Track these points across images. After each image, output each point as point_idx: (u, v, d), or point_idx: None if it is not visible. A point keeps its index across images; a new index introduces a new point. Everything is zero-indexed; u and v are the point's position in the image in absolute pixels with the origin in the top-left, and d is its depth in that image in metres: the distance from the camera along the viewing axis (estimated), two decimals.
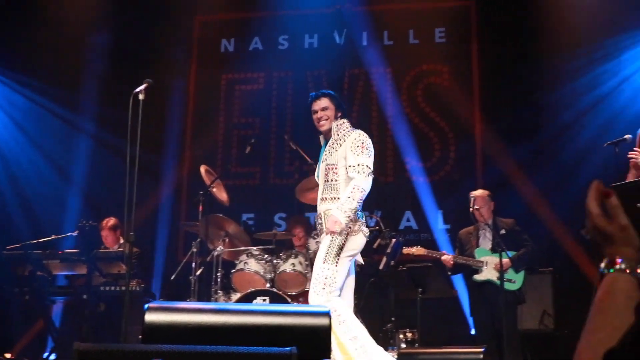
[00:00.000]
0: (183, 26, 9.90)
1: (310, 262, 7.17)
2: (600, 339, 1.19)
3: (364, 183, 4.63)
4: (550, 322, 7.24)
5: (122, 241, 7.53)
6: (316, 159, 7.20)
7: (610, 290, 1.28)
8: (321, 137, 5.10)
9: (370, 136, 9.14)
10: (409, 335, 6.91)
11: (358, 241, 4.68)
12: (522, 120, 8.65)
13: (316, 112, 5.04)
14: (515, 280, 6.60)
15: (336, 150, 4.83)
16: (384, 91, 9.40)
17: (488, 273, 6.65)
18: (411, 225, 8.99)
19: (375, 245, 7.21)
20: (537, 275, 7.29)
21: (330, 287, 4.50)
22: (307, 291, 6.97)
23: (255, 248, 7.17)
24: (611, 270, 1.31)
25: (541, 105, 8.71)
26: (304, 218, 8.41)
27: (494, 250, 6.63)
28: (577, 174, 7.84)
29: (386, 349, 6.49)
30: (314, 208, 8.11)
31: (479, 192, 6.89)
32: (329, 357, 3.18)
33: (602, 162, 5.90)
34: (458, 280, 7.74)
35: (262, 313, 3.38)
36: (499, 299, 6.29)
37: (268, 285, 6.88)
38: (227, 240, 7.23)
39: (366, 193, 4.70)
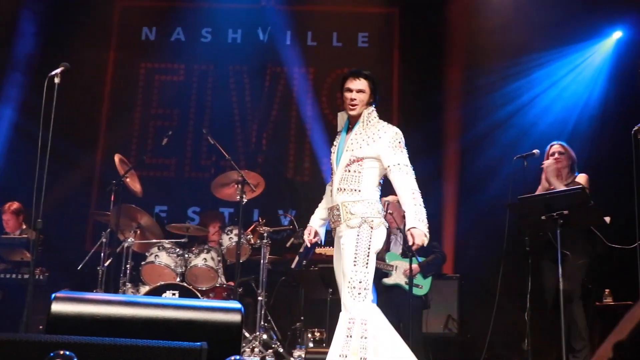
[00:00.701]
0: (104, 10, 9.65)
1: (223, 257, 7.15)
2: (620, 340, 1.27)
3: (415, 184, 4.51)
4: (455, 327, 7.44)
5: (24, 227, 7.31)
6: (233, 154, 7.19)
7: None
8: (340, 119, 4.77)
9: (288, 135, 9.31)
10: (317, 334, 6.95)
11: (381, 234, 4.57)
12: (437, 129, 8.84)
13: (351, 91, 4.59)
14: (422, 286, 6.75)
15: (367, 145, 4.53)
16: (305, 91, 9.45)
17: (397, 277, 6.78)
18: (325, 225, 9.02)
19: (289, 244, 7.25)
20: (443, 281, 7.48)
21: (366, 291, 4.37)
22: (218, 287, 6.98)
23: (167, 241, 7.08)
24: None
25: (456, 116, 8.91)
26: (219, 213, 8.38)
27: (404, 255, 6.76)
28: (486, 185, 8.06)
29: (294, 348, 6.54)
30: (228, 203, 8.15)
31: (392, 198, 6.99)
32: (239, 353, 3.18)
33: (510, 175, 6.08)
34: None
35: (173, 307, 3.35)
36: (406, 303, 6.41)
37: (178, 279, 6.81)
38: (138, 231, 7.11)
39: None
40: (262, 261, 6.88)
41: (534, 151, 5.77)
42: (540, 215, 5.08)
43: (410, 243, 4.42)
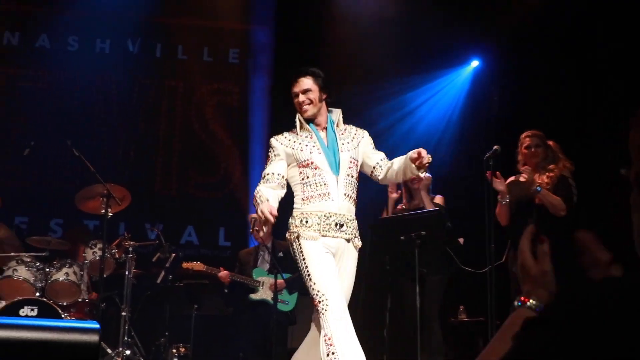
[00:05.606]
0: None
1: (86, 272, 6.96)
2: None
3: None
4: None
5: None
6: (98, 166, 7.01)
7: (515, 322, 1.41)
8: (302, 119, 4.41)
9: (157, 148, 9.20)
10: (182, 350, 6.92)
11: None
12: None
13: (297, 95, 4.36)
14: (288, 302, 6.85)
15: (355, 147, 4.32)
16: (174, 105, 9.40)
17: (263, 293, 6.85)
18: (192, 240, 9.02)
19: (155, 258, 7.18)
20: (310, 297, 7.59)
21: None
22: (80, 302, 6.80)
23: (26, 255, 6.83)
24: (522, 305, 1.46)
25: None
26: (84, 227, 8.18)
27: (270, 271, 6.84)
28: None
29: None
30: (93, 216, 7.94)
31: (257, 215, 7.06)
32: None
33: (372, 197, 6.29)
34: (234, 298, 7.86)
35: (28, 328, 3.27)
36: (271, 319, 6.49)
37: (38, 294, 6.58)
38: None
39: None
40: (126, 275, 6.78)
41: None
42: (399, 235, 5.30)
43: (421, 157, 4.16)
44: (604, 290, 1.14)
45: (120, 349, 6.45)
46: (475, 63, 8.68)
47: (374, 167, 4.39)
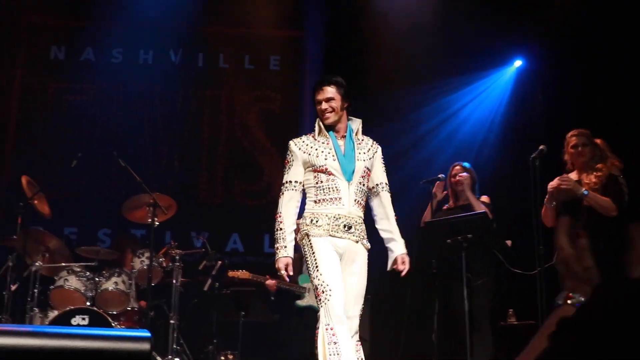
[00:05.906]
0: (10, 27, 9.41)
1: (135, 281, 7.04)
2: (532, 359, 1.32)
3: None
4: (367, 348, 7.53)
5: None
6: (144, 176, 7.10)
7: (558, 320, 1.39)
8: (322, 126, 4.52)
9: (201, 157, 9.28)
10: (230, 357, 6.96)
11: None
12: None
13: (320, 102, 4.49)
14: None
15: (370, 158, 4.51)
16: (217, 113, 9.47)
17: (310, 299, 6.84)
18: (237, 247, 9.06)
19: (201, 266, 7.23)
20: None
21: None
22: (129, 310, 6.88)
23: (76, 265, 6.94)
24: (565, 303, 1.44)
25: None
26: (131, 236, 8.27)
27: None
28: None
29: None
30: (140, 225, 8.04)
31: None
32: None
33: (417, 199, 6.25)
34: (280, 305, 7.87)
35: (82, 337, 3.31)
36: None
37: (88, 303, 6.68)
38: (47, 255, 6.95)
39: None
40: (174, 283, 6.84)
41: (439, 176, 5.96)
42: (446, 239, 5.27)
43: (401, 269, 4.46)
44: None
45: (170, 356, 6.51)
46: (518, 63, 8.60)
47: (377, 185, 4.58)
